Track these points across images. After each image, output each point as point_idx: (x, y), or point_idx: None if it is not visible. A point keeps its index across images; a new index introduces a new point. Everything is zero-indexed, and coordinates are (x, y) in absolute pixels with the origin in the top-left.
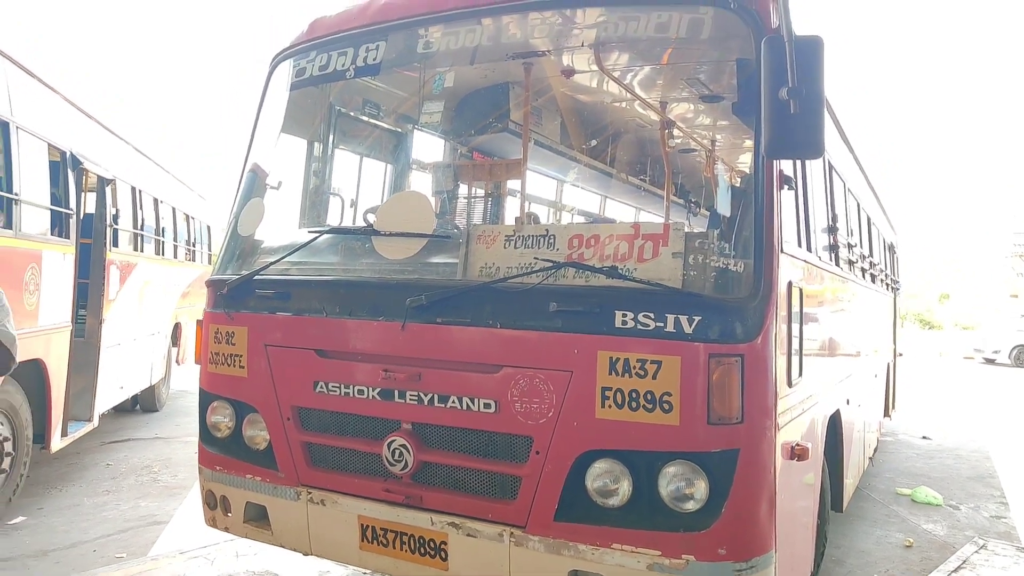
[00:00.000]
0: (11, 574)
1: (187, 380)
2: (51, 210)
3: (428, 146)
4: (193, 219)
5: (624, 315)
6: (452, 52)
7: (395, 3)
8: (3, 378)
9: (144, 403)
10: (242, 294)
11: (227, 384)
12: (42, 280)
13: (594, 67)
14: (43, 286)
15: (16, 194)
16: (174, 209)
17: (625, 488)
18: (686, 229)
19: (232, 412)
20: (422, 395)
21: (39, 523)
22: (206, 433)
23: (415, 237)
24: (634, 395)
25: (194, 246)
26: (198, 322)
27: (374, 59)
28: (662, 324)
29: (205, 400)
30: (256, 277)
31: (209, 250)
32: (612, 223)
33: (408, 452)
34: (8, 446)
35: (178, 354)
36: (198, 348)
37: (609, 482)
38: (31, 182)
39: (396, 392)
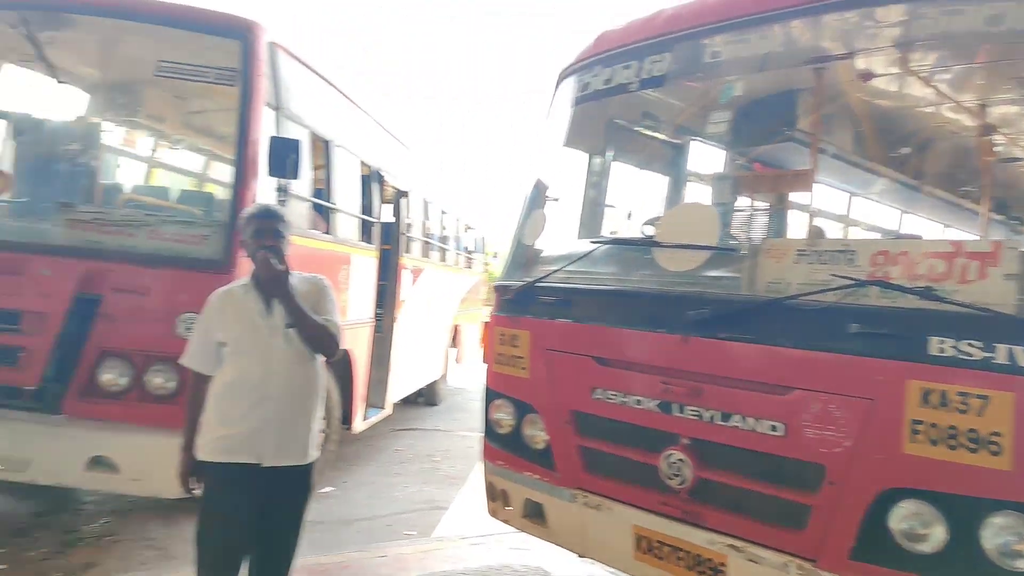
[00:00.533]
0: (324, 535)
1: (463, 379)
2: (361, 219)
3: (708, 157)
4: (471, 229)
5: (941, 342)
6: (741, 60)
7: (683, 13)
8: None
9: (427, 397)
10: (526, 300)
11: (509, 384)
12: (351, 280)
13: (898, 69)
14: (352, 286)
15: (335, 204)
16: (457, 220)
17: (939, 534)
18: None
19: (513, 410)
20: (703, 411)
21: (343, 495)
22: (489, 429)
23: (698, 249)
24: (952, 432)
25: (472, 254)
26: (484, 324)
27: (659, 71)
28: (991, 355)
29: (489, 397)
30: (539, 284)
31: (484, 258)
32: (919, 239)
33: (687, 467)
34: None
35: (457, 354)
36: (484, 348)
37: (919, 525)
38: (345, 194)
39: (675, 405)
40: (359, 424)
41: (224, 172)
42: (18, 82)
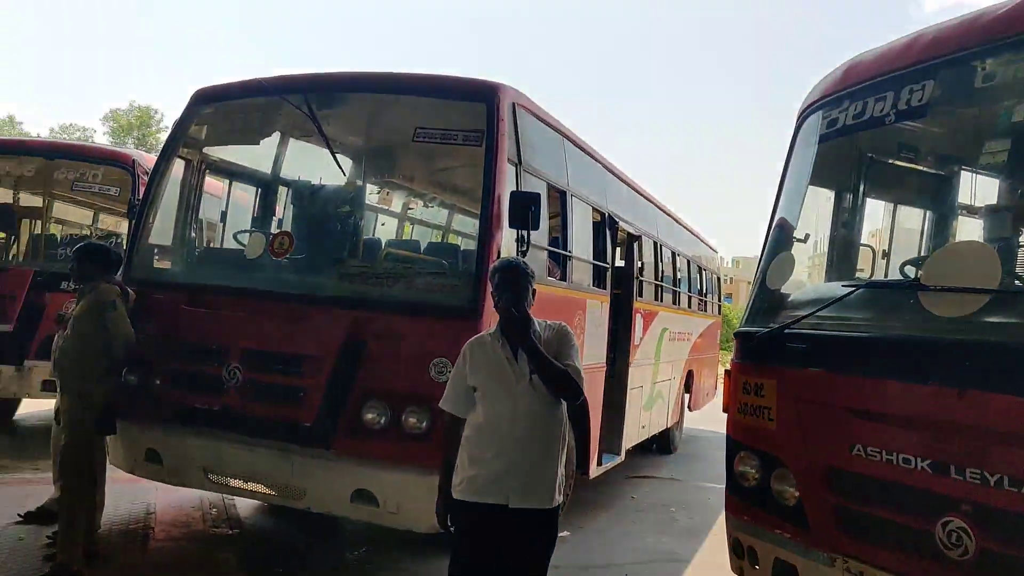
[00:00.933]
0: None
1: (698, 426)
2: (593, 265)
3: (978, 188)
4: (704, 270)
5: None
6: (1018, 82)
7: (948, 35)
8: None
9: (660, 444)
10: (772, 347)
11: (755, 434)
12: (585, 325)
13: None
14: (586, 330)
15: (570, 252)
16: (688, 261)
17: None
18: None
19: (759, 463)
20: (986, 474)
21: (580, 541)
22: (733, 481)
23: (977, 293)
24: None
25: (705, 296)
26: (726, 371)
27: (919, 100)
28: None
29: (733, 448)
30: (787, 331)
31: (718, 300)
32: None
33: (968, 537)
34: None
35: (690, 400)
36: (726, 396)
37: None
38: (579, 241)
39: (952, 466)
40: (594, 470)
41: (470, 226)
42: (296, 154)
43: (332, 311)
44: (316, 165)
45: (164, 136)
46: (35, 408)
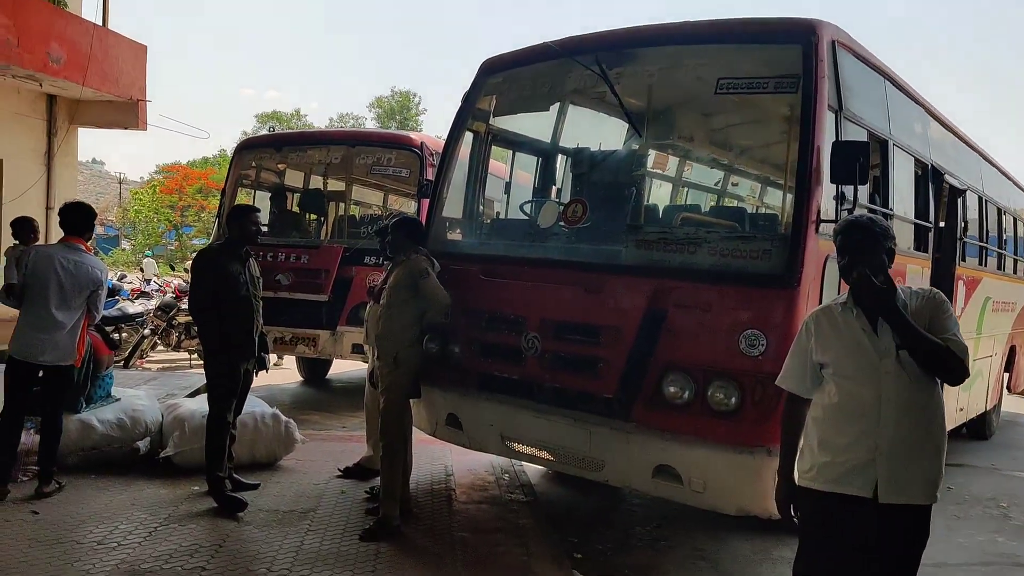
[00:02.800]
0: None
1: (1012, 408)
2: (915, 224)
3: None
4: None
5: None
6: None
7: None
8: None
9: (973, 429)
10: None
11: None
12: None
13: None
14: None
15: (891, 210)
16: (1015, 220)
17: None
18: None
19: None
20: None
21: None
22: None
23: None
24: None
25: None
26: None
27: None
28: None
29: None
30: None
31: None
32: None
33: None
34: None
35: (1011, 380)
36: None
37: None
38: (901, 198)
39: None
40: None
41: (783, 183)
42: (579, 119)
43: (632, 280)
44: (600, 129)
45: (423, 118)
46: (344, 369)
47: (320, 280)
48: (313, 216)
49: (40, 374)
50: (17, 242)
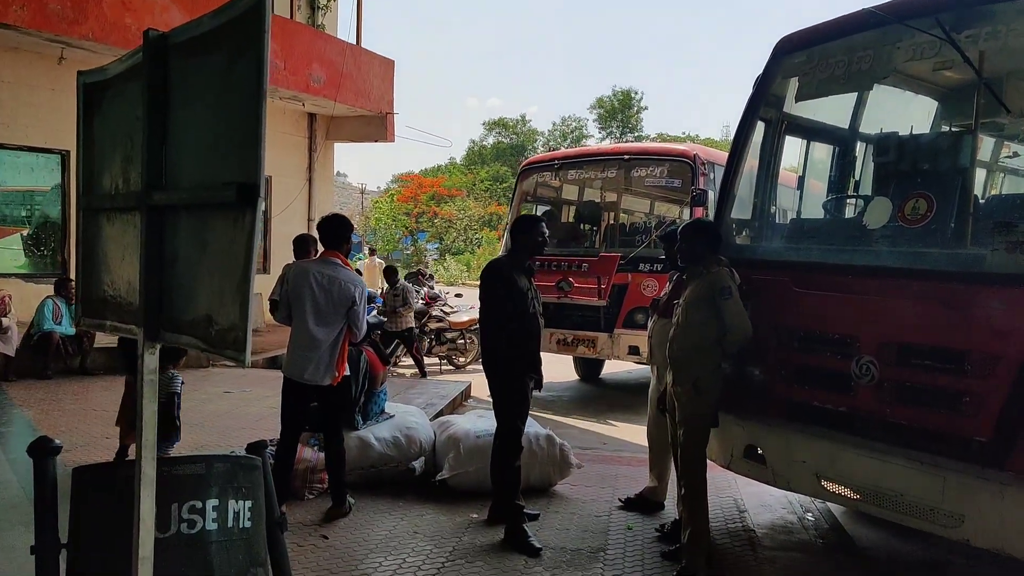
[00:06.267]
0: None
1: None
2: None
3: None
4: None
5: None
6: None
7: None
8: None
9: None
10: None
11: None
12: None
13: None
14: None
15: None
16: None
17: None
18: None
19: None
20: None
21: None
22: None
23: None
24: None
25: None
26: None
27: None
28: None
29: None
30: None
31: None
32: None
33: None
34: None
35: None
36: None
37: None
38: None
39: None
40: None
41: None
42: (888, 99)
43: (1011, 292)
44: (931, 110)
45: (645, 115)
46: (617, 368)
47: (598, 286)
48: (589, 226)
49: (316, 392)
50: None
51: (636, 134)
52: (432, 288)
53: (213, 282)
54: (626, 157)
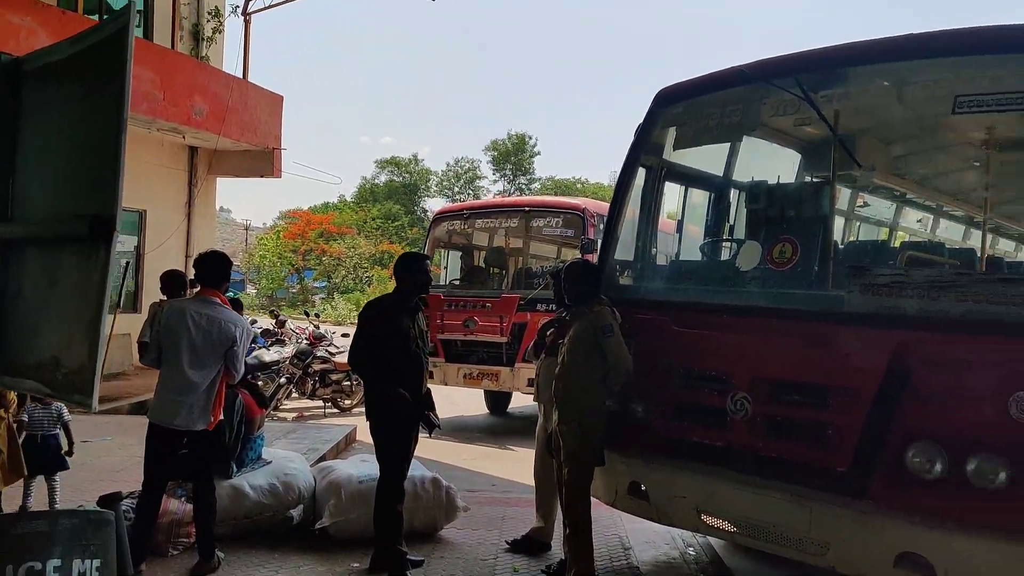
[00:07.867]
0: None
1: None
2: None
3: None
4: None
5: None
6: None
7: None
8: None
9: None
10: None
11: None
12: None
13: None
14: None
15: None
16: None
17: None
18: None
19: None
20: None
21: None
22: None
23: None
24: None
25: None
26: None
27: None
28: None
29: None
30: None
31: None
32: None
33: None
34: None
35: None
36: None
37: None
38: None
39: None
40: None
41: None
42: (758, 150)
43: (866, 331)
44: (795, 161)
45: (537, 160)
46: (525, 401)
47: (500, 324)
48: (496, 270)
49: (185, 439)
50: (165, 297)
51: (528, 176)
52: (317, 328)
53: (62, 322)
54: (527, 209)
